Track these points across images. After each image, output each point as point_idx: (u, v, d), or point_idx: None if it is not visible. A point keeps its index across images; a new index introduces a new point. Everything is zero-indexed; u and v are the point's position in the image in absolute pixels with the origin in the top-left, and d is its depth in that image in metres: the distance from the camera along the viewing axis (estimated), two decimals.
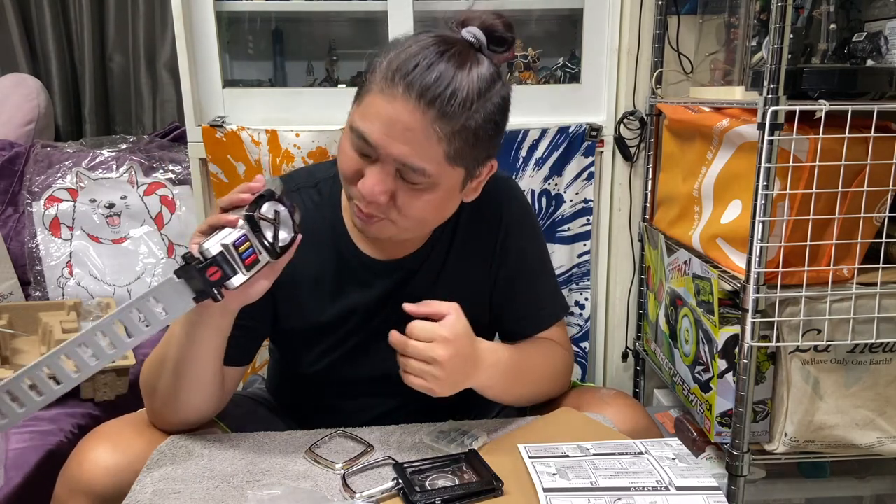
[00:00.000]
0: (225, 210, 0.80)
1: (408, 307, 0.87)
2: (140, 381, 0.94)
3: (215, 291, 0.76)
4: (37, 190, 1.76)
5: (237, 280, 0.76)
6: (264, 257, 0.79)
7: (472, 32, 0.86)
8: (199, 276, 0.75)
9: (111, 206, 1.77)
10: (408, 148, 0.80)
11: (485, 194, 0.97)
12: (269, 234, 0.79)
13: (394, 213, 0.86)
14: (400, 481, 0.80)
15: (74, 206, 1.76)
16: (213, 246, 0.75)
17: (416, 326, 0.85)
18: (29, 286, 1.74)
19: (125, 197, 1.78)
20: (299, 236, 0.83)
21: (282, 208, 0.81)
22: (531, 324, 1.06)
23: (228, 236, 0.76)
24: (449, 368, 0.85)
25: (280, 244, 0.80)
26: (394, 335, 0.86)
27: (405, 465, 0.83)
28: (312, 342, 1.02)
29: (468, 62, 0.82)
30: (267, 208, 0.79)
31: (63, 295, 1.73)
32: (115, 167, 1.79)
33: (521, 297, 1.06)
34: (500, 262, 1.04)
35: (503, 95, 0.86)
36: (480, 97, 0.82)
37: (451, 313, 0.87)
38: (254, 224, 0.78)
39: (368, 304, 1.00)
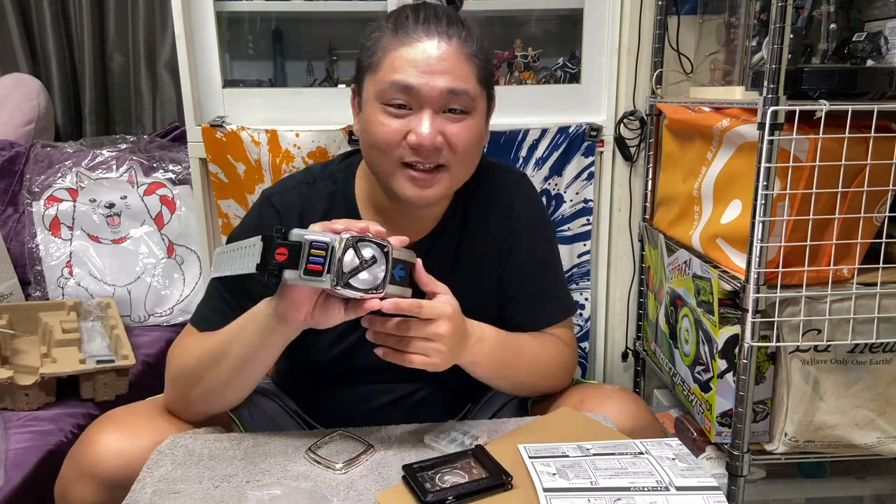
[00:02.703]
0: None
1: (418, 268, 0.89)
2: (176, 370, 0.95)
3: (272, 269, 0.76)
4: (37, 190, 1.76)
5: (290, 275, 0.77)
6: (326, 277, 0.77)
7: None
8: (272, 248, 0.76)
9: (111, 206, 1.77)
10: (450, 76, 0.90)
11: (496, 184, 1.03)
12: (347, 263, 0.78)
13: (446, 153, 0.92)
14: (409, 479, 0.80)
15: (74, 206, 1.76)
16: (298, 233, 0.77)
17: (425, 306, 0.86)
18: (29, 286, 1.74)
19: (125, 197, 1.78)
20: (377, 301, 0.81)
21: (382, 261, 0.80)
22: (535, 318, 1.07)
23: (317, 235, 0.77)
24: (450, 343, 0.88)
25: (349, 278, 0.78)
26: (393, 321, 0.87)
27: (414, 465, 0.83)
28: (325, 330, 1.02)
29: (445, 6, 0.97)
30: (369, 248, 0.80)
31: (63, 295, 1.73)
32: (115, 167, 1.79)
33: (527, 291, 1.07)
34: (510, 253, 1.06)
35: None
36: (472, 26, 0.95)
37: (446, 291, 0.90)
38: (343, 246, 0.78)
39: None
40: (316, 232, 0.78)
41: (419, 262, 0.88)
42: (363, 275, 0.80)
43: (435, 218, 1.04)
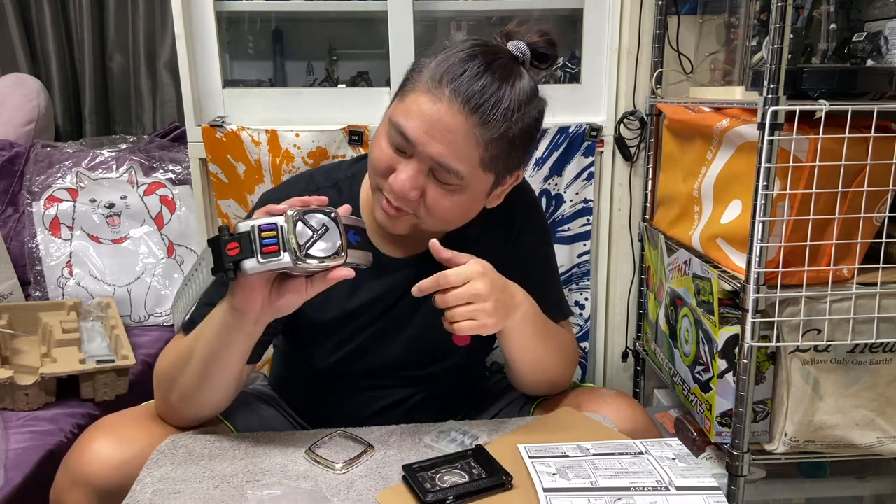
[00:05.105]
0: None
1: (433, 245, 0.89)
2: (156, 374, 0.94)
3: (228, 266, 0.76)
4: (37, 190, 1.76)
5: (250, 264, 0.76)
6: (284, 256, 0.77)
7: (517, 47, 0.90)
8: (222, 247, 0.76)
9: (111, 206, 1.77)
10: (446, 149, 0.83)
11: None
12: (302, 237, 0.78)
13: (421, 209, 0.89)
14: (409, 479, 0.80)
15: (74, 206, 1.76)
16: (245, 224, 0.77)
17: (449, 273, 0.86)
18: (29, 286, 1.74)
19: (125, 197, 1.78)
20: (345, 270, 0.80)
21: (334, 228, 0.80)
22: None
23: (262, 219, 0.77)
24: (493, 299, 0.87)
25: (308, 251, 0.78)
26: (437, 298, 0.87)
27: (414, 465, 0.83)
28: (326, 336, 1.03)
29: (512, 75, 0.85)
30: (316, 218, 0.79)
31: (63, 295, 1.73)
32: (115, 167, 1.79)
33: (529, 292, 1.07)
34: (511, 260, 1.05)
35: (539, 110, 0.90)
36: (520, 109, 0.85)
37: (470, 258, 0.89)
38: (291, 221, 0.77)
39: (382, 299, 1.01)
40: (261, 217, 0.78)
41: (434, 241, 0.88)
42: (320, 244, 0.79)
43: (439, 231, 1.02)
